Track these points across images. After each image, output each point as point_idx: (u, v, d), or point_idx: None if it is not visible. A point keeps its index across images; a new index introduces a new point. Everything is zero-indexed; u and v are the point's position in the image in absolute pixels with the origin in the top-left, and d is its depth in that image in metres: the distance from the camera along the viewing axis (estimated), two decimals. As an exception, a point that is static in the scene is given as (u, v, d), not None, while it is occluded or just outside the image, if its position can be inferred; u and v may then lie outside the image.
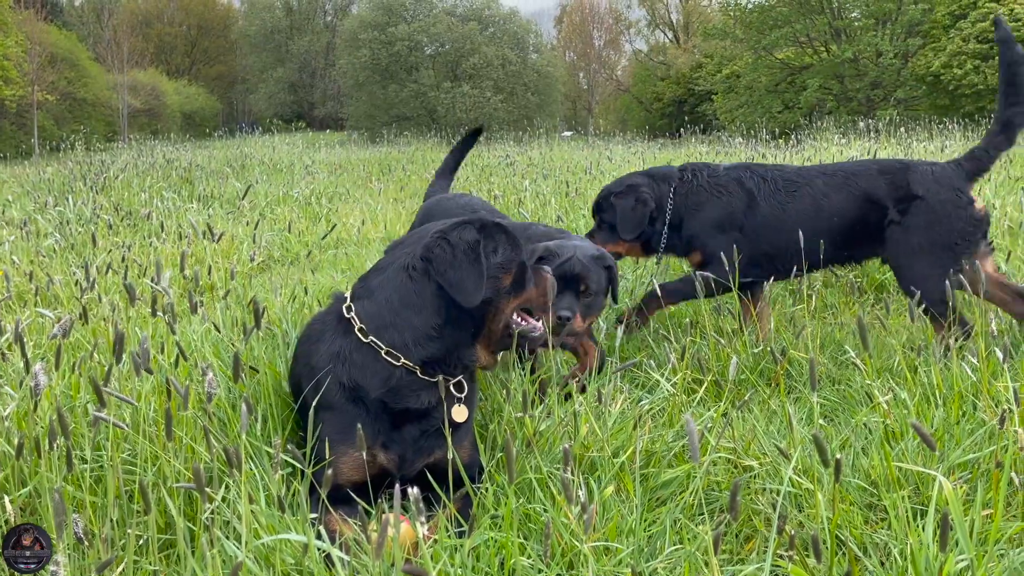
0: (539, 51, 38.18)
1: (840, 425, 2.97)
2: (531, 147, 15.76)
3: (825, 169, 3.86)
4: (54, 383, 2.57)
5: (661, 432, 2.63)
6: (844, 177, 3.72)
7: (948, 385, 2.93)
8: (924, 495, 2.30)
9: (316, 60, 54.02)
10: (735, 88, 32.54)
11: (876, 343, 3.67)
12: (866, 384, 3.00)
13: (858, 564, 1.95)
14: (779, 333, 3.86)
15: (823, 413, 3.15)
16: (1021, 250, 5.05)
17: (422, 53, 35.46)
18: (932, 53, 26.46)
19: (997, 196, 6.91)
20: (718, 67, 35.82)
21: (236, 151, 16.48)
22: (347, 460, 2.13)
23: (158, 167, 11.22)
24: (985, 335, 3.07)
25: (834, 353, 3.65)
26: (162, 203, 7.33)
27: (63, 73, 34.93)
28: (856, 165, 3.87)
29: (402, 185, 11.46)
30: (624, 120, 44.07)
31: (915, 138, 12.45)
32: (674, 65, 43.33)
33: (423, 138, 23.66)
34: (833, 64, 28.38)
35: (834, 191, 3.69)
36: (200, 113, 46.20)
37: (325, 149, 19.87)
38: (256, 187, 9.41)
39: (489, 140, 19.73)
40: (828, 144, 10.90)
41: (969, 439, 2.50)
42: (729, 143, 12.51)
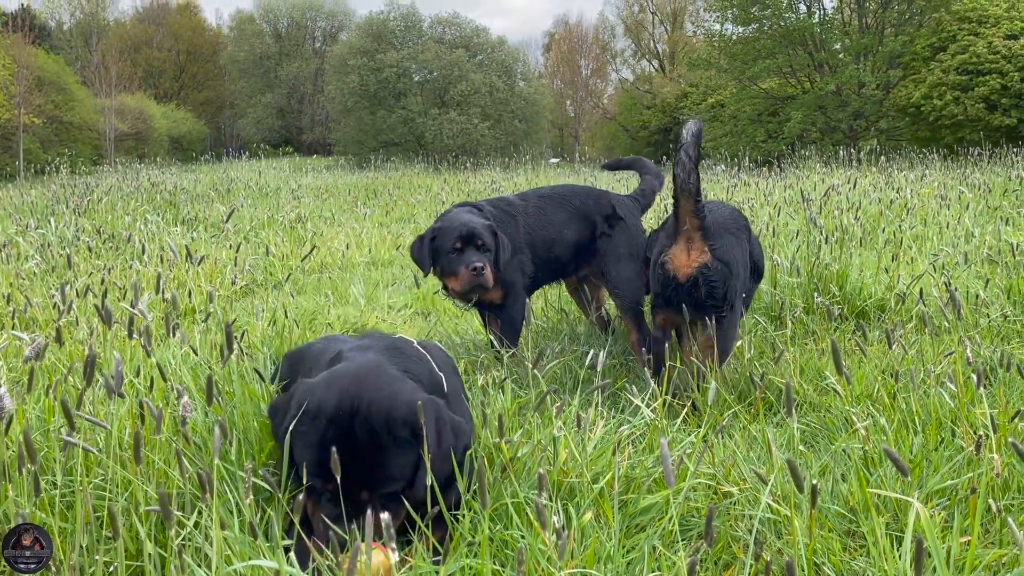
0: (527, 79, 38.51)
1: (820, 451, 2.97)
2: (517, 173, 15.84)
3: (543, 192, 4.57)
4: (28, 406, 2.53)
5: (641, 457, 2.62)
6: (562, 198, 4.44)
7: (927, 411, 2.94)
8: (902, 522, 2.30)
9: (304, 86, 54.29)
10: (719, 117, 32.89)
11: (855, 369, 3.69)
12: (845, 410, 3.01)
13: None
14: (760, 359, 3.87)
15: (803, 439, 3.15)
16: (999, 278, 5.11)
17: (410, 80, 35.68)
18: (913, 84, 26.90)
19: (976, 225, 7.02)
20: (703, 96, 36.25)
21: (222, 175, 16.46)
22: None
23: (143, 190, 11.17)
24: (962, 360, 3.10)
25: (814, 379, 3.66)
26: (145, 226, 7.30)
27: (50, 96, 34.84)
28: (569, 188, 4.62)
29: (388, 210, 11.47)
30: (611, 147, 44.45)
31: (896, 167, 12.62)
32: (659, 94, 43.83)
33: (410, 164, 23.75)
34: (816, 96, 28.78)
35: (559, 210, 4.41)
36: (188, 137, 46.19)
37: (312, 174, 19.89)
38: (241, 210, 9.39)
39: (476, 166, 19.82)
40: (811, 172, 11.03)
41: (947, 466, 2.51)
42: (712, 170, 12.62)
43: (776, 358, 3.45)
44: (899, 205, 7.42)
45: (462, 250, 3.94)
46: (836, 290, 4.98)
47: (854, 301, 4.95)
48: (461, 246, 3.94)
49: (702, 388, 3.31)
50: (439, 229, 4.04)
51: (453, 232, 3.95)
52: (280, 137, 52.63)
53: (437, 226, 4.09)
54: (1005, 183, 9.38)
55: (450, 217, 4.13)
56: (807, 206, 5.54)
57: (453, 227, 3.97)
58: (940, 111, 25.31)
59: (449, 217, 4.14)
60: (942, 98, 25.35)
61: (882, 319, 4.74)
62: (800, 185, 9.09)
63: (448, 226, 4.01)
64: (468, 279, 3.90)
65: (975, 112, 23.67)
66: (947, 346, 3.63)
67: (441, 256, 4.00)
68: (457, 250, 3.93)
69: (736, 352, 3.91)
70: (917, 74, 26.94)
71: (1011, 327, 4.35)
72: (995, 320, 4.37)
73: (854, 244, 5.48)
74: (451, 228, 3.98)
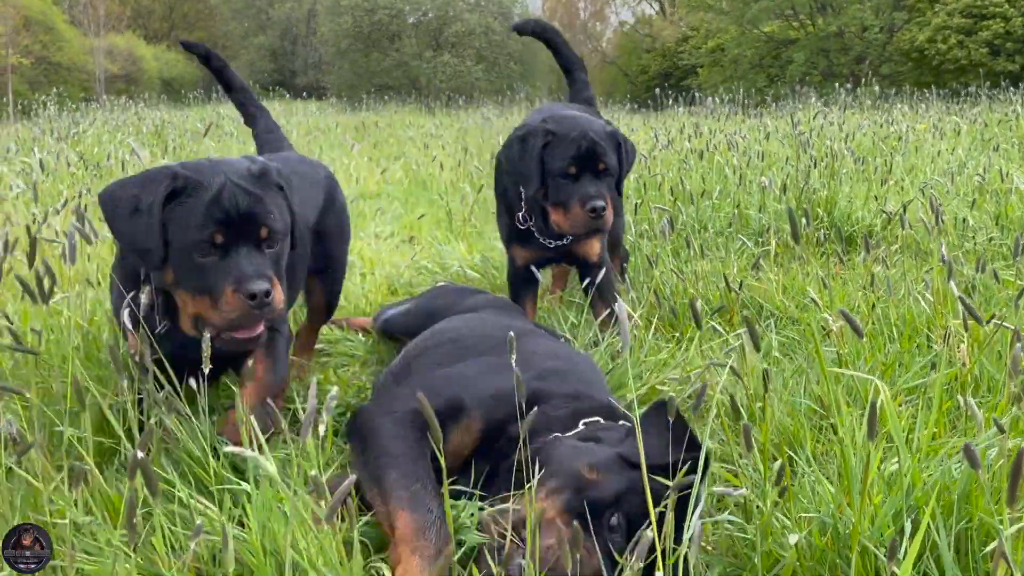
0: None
1: (797, 358, 2.98)
2: (511, 112, 15.63)
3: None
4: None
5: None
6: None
7: (902, 319, 2.94)
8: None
9: (298, 27, 53.09)
10: (720, 62, 32.40)
11: (837, 289, 3.68)
12: (822, 318, 3.01)
13: (793, 466, 1.97)
14: (741, 273, 3.86)
15: (781, 349, 3.15)
16: (988, 204, 5.07)
17: (404, 21, 34.95)
18: (917, 28, 26.47)
19: (970, 158, 6.95)
20: (703, 40, 35.60)
21: (212, 112, 16.23)
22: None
23: (129, 123, 11.01)
24: (941, 276, 3.08)
25: (796, 297, 3.66)
26: (130, 156, 7.20)
27: (37, 36, 34.18)
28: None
29: (376, 143, 11.34)
30: (610, 92, 43.80)
31: (895, 107, 12.47)
32: (659, 38, 43.03)
33: (404, 104, 23.44)
34: (818, 38, 28.31)
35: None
36: (180, 80, 45.34)
37: (302, 113, 19.63)
38: (229, 141, 9.26)
39: (468, 107, 19.56)
40: (808, 109, 10.90)
41: (918, 365, 2.51)
42: (710, 106, 12.46)
43: (754, 267, 3.41)
44: (894, 137, 7.34)
45: (578, 175, 2.94)
46: (824, 216, 4.95)
47: (842, 226, 4.92)
48: (576, 170, 2.93)
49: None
50: (553, 134, 2.95)
51: (569, 143, 2.92)
52: (273, 80, 51.76)
53: (549, 127, 2.97)
54: (1001, 117, 9.28)
55: (564, 118, 3.02)
56: (797, 130, 5.45)
57: (569, 135, 2.93)
58: (944, 55, 24.96)
59: (563, 118, 3.03)
60: (946, 41, 24.97)
61: (869, 245, 4.72)
62: (794, 116, 8.97)
63: (563, 132, 2.95)
64: (583, 221, 2.92)
65: (979, 57, 23.34)
66: (930, 266, 3.62)
67: (550, 176, 2.96)
68: (570, 175, 2.93)
69: (718, 269, 3.90)
70: (922, 16, 26.48)
71: (996, 250, 4.33)
72: (981, 244, 4.35)
73: (845, 172, 5.42)
74: (566, 136, 2.94)
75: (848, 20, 27.49)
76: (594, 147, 2.91)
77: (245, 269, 1.88)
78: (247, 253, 1.90)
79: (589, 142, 2.90)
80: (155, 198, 1.87)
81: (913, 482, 1.65)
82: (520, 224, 3.15)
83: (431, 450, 1.63)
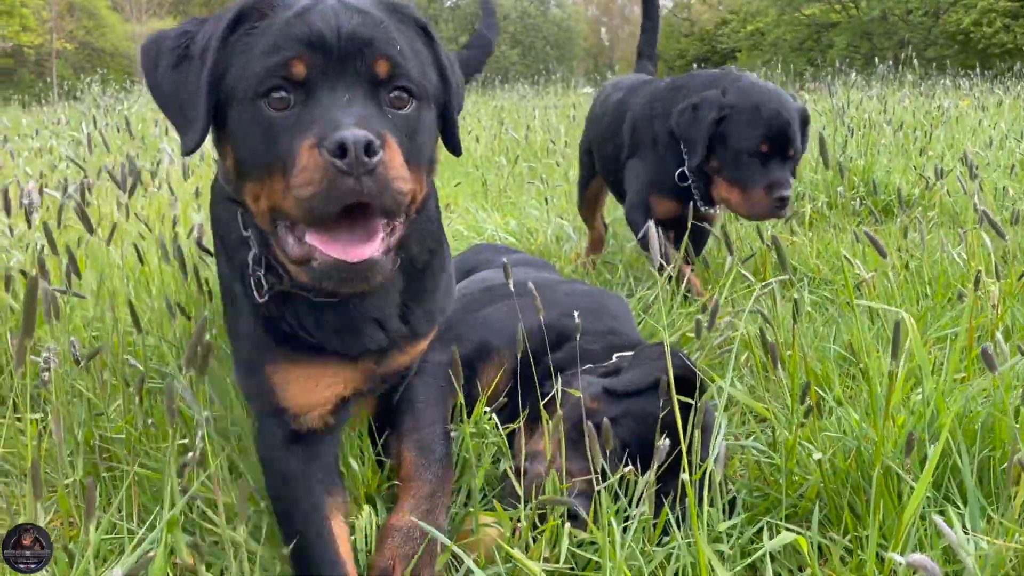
0: (561, 4, 37.62)
1: (830, 313, 3.00)
2: (546, 92, 15.60)
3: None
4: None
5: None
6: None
7: (935, 275, 2.94)
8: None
9: (335, 13, 53.53)
10: (759, 45, 31.97)
11: (871, 254, 3.67)
12: (856, 275, 3.02)
13: (820, 408, 2.01)
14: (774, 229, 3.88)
15: (814, 307, 3.17)
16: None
17: (441, 5, 35.06)
18: (963, 10, 25.83)
19: (1012, 133, 6.81)
20: (742, 23, 35.12)
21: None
22: None
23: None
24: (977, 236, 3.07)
25: (830, 260, 3.66)
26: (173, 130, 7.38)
27: (81, 22, 34.92)
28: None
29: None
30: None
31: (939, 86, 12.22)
32: (698, 22, 42.53)
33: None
34: (861, 21, 27.77)
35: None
36: (218, 64, 46.07)
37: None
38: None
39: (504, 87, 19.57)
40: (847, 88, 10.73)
41: (949, 315, 2.53)
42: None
43: (791, 232, 3.43)
44: (935, 115, 7.22)
45: (768, 157, 2.72)
46: (860, 185, 4.91)
47: (878, 196, 4.88)
48: (768, 150, 2.71)
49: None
50: (733, 107, 2.73)
51: (759, 121, 2.69)
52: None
53: (727, 101, 2.74)
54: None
55: (754, 90, 2.77)
56: (834, 100, 5.40)
57: (759, 112, 2.70)
58: (990, 39, 24.34)
59: (752, 90, 2.78)
60: (992, 24, 24.34)
61: (905, 208, 4.69)
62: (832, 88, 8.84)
63: (744, 105, 2.71)
64: (766, 207, 2.75)
65: (1025, 40, 22.73)
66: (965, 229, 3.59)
67: (727, 150, 2.75)
68: (758, 154, 2.72)
69: (749, 235, 3.92)
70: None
71: (1036, 218, 4.27)
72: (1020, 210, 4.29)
73: (884, 143, 5.37)
74: (752, 111, 2.70)
75: (892, 3, 26.92)
76: (787, 129, 2.70)
77: (335, 114, 1.16)
78: (347, 99, 1.19)
79: (783, 122, 2.69)
80: (214, 31, 1.27)
81: (937, 409, 1.68)
82: (680, 181, 2.99)
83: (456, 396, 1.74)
